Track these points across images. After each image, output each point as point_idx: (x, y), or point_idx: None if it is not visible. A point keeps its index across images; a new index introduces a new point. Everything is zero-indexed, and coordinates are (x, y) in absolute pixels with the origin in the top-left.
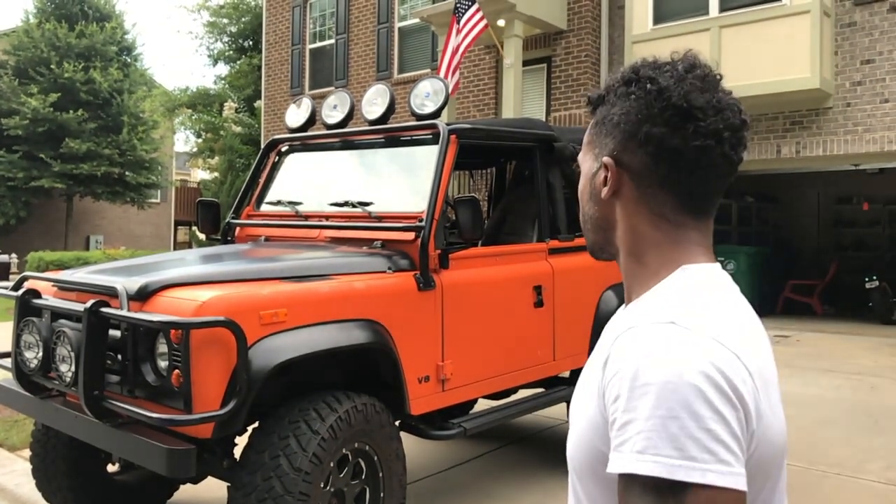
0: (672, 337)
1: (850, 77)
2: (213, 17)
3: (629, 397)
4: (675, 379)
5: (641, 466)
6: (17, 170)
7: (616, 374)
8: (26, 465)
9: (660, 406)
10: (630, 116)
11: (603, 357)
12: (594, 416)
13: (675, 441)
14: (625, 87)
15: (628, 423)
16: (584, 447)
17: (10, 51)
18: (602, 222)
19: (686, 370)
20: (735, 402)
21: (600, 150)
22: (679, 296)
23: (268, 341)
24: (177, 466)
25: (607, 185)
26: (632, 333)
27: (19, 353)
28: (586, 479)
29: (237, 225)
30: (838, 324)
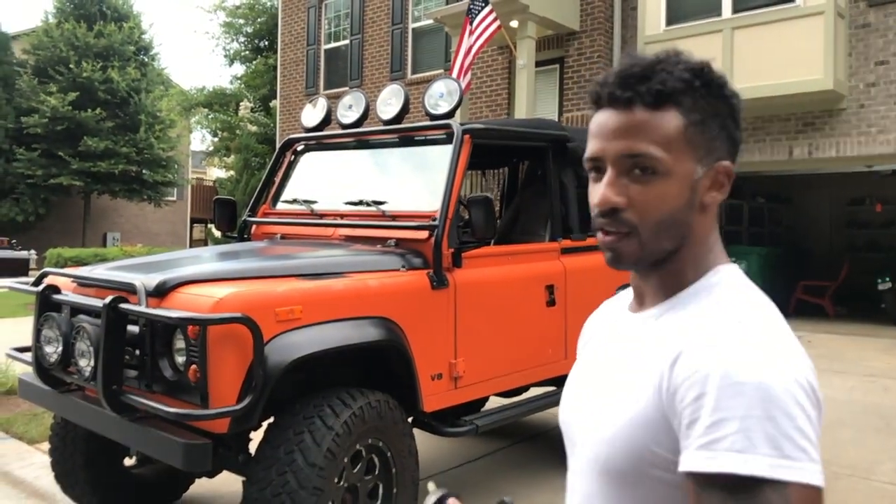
0: (755, 338)
1: (863, 78)
2: (229, 17)
3: (720, 397)
4: (768, 379)
5: (741, 465)
6: (36, 167)
7: (697, 372)
8: (45, 458)
9: (756, 406)
10: (726, 120)
11: (671, 355)
12: (648, 413)
13: (772, 440)
14: (705, 88)
15: (721, 423)
16: (629, 448)
17: (29, 50)
18: (685, 229)
19: (777, 371)
20: (818, 402)
21: (706, 153)
22: (739, 297)
23: (283, 338)
24: (193, 460)
25: (719, 191)
26: (714, 332)
27: (39, 347)
28: (625, 483)
29: (253, 223)
30: (850, 325)
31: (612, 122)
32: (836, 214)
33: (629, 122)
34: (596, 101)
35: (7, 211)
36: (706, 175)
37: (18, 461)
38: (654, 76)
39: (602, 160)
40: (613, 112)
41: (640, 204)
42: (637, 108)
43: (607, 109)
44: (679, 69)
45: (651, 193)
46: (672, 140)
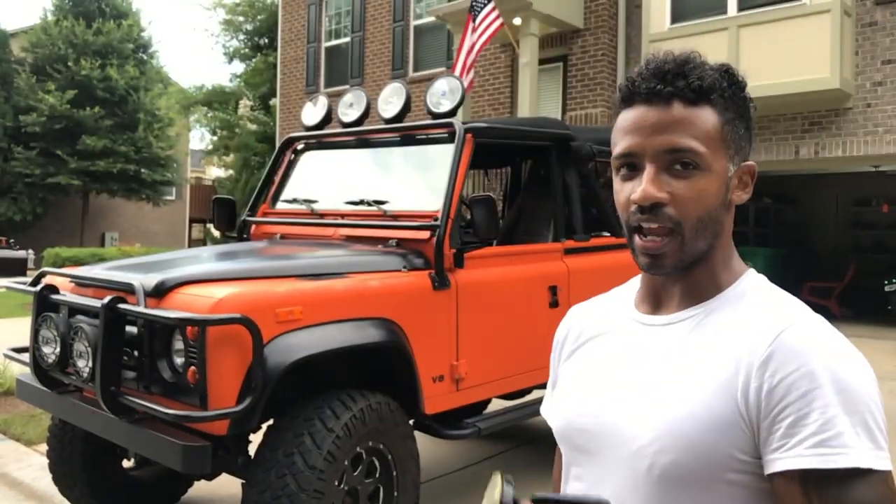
0: (838, 335)
1: (870, 77)
2: (228, 14)
3: (830, 392)
4: (862, 374)
5: (859, 459)
6: (34, 166)
7: (799, 370)
8: (43, 459)
9: (859, 402)
10: (749, 121)
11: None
12: (724, 417)
13: (871, 434)
14: (731, 89)
15: (835, 418)
16: (704, 452)
17: (28, 48)
18: (718, 228)
19: (865, 366)
20: None
21: (736, 152)
22: (788, 296)
23: (283, 339)
24: (192, 463)
25: (744, 190)
26: (800, 333)
27: (37, 348)
28: (690, 489)
29: (253, 222)
30: (857, 327)
31: (651, 117)
32: (843, 215)
33: (670, 117)
34: (628, 98)
35: (5, 210)
36: (735, 174)
37: (16, 462)
38: (689, 73)
39: (639, 156)
40: (651, 108)
41: (682, 199)
42: (676, 103)
43: (642, 106)
44: (707, 69)
45: (694, 188)
46: (711, 136)
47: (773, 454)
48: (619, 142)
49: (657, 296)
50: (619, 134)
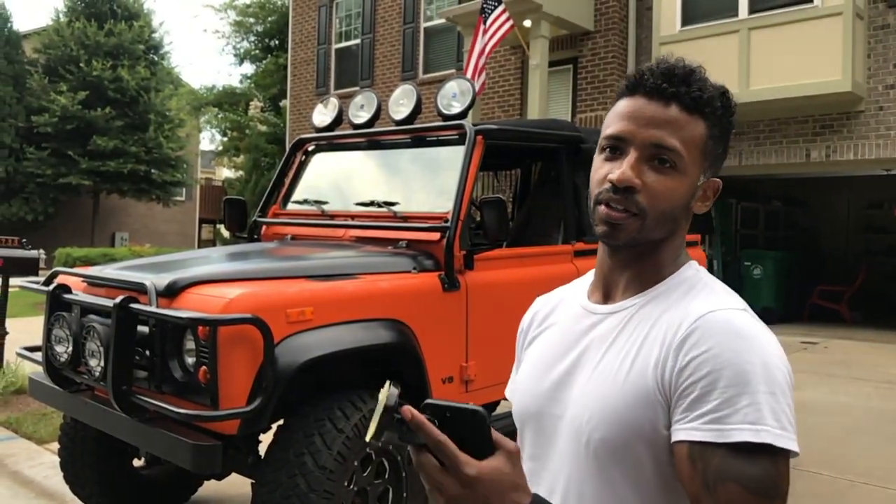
0: (754, 322)
1: (882, 80)
2: (239, 16)
3: (732, 374)
4: (771, 361)
5: (755, 435)
6: (45, 167)
7: (707, 352)
8: (54, 457)
9: (762, 384)
10: (728, 143)
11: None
12: (647, 395)
13: (776, 415)
14: (723, 110)
15: (734, 398)
16: (629, 427)
17: (40, 49)
18: (675, 226)
19: (776, 353)
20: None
21: (710, 166)
22: (722, 287)
23: (294, 339)
24: (202, 462)
25: (705, 203)
26: (721, 317)
27: (50, 347)
28: (619, 462)
29: (263, 223)
30: (867, 331)
31: (648, 110)
32: (854, 218)
33: (665, 115)
34: (633, 87)
35: (17, 210)
36: (703, 185)
37: (28, 461)
38: (693, 83)
39: (627, 142)
40: (650, 102)
41: (653, 191)
42: (674, 105)
43: (643, 98)
44: (709, 84)
45: (666, 185)
46: (695, 145)
47: (675, 426)
48: (612, 124)
49: (607, 286)
50: (614, 117)
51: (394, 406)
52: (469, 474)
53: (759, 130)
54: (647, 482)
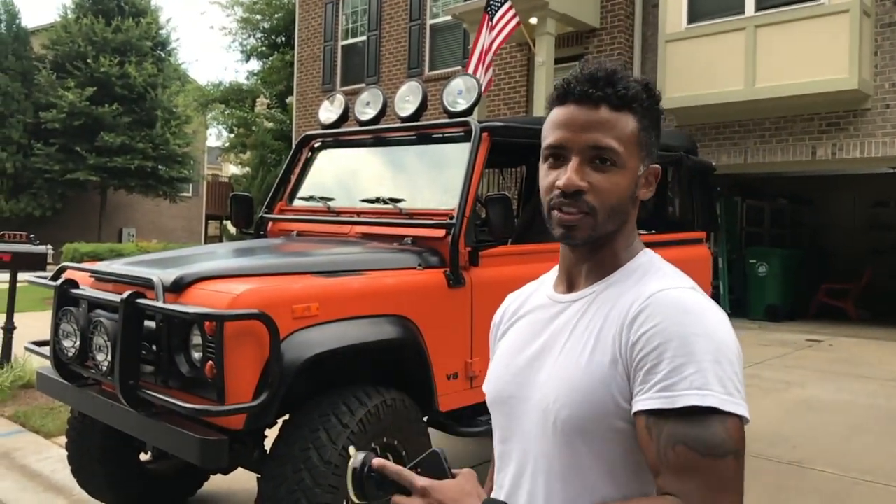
0: (701, 299)
1: (889, 78)
2: (246, 12)
3: (679, 345)
4: (716, 332)
5: (701, 399)
6: (53, 162)
7: (656, 326)
8: (62, 451)
9: (708, 353)
10: (659, 130)
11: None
12: (606, 369)
13: (721, 381)
14: (649, 101)
15: (681, 366)
16: (594, 403)
17: (48, 45)
18: (625, 216)
19: (722, 326)
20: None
21: (647, 155)
22: (674, 270)
23: (300, 335)
24: (209, 456)
25: (648, 188)
26: (670, 295)
27: (57, 341)
28: (585, 437)
29: (270, 219)
30: (873, 329)
31: (580, 116)
32: (860, 216)
33: (597, 118)
34: (563, 96)
35: (25, 205)
36: (643, 174)
37: (35, 455)
38: (617, 83)
39: (567, 149)
40: (581, 108)
41: (599, 189)
42: (603, 107)
43: (573, 105)
44: (632, 81)
45: (610, 181)
46: (629, 139)
47: (634, 398)
48: (549, 134)
49: (570, 277)
50: (550, 127)
51: (360, 466)
52: (422, 485)
53: (764, 128)
54: (612, 458)
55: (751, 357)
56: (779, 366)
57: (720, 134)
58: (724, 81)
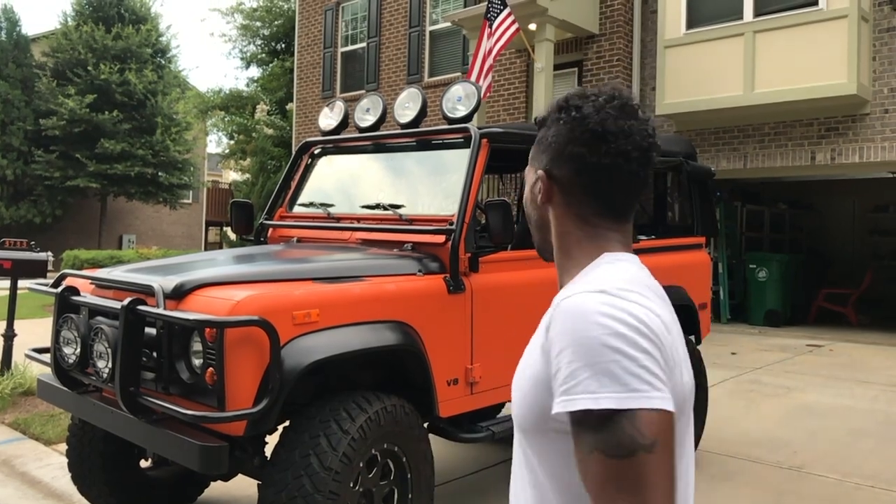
0: (605, 300)
1: (888, 83)
2: (246, 20)
3: (573, 350)
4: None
5: (594, 403)
6: (53, 169)
7: (560, 331)
8: (62, 458)
9: (601, 354)
10: (559, 137)
11: (546, 322)
12: (539, 373)
13: (619, 379)
14: (557, 114)
15: (576, 371)
16: (531, 405)
17: (49, 53)
18: (540, 223)
19: (615, 325)
20: (656, 341)
21: (538, 165)
22: (606, 271)
23: (300, 341)
24: (209, 463)
25: (541, 193)
26: (570, 300)
27: (58, 348)
28: (533, 436)
29: (270, 226)
30: (873, 334)
31: None
32: (860, 221)
33: None
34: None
35: (25, 212)
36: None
37: (36, 462)
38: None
39: None
40: None
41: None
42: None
43: None
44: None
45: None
46: (530, 156)
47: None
48: None
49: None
50: None
51: None
52: None
53: (764, 133)
54: (554, 460)
55: (751, 362)
56: (779, 371)
57: (719, 139)
58: (723, 87)
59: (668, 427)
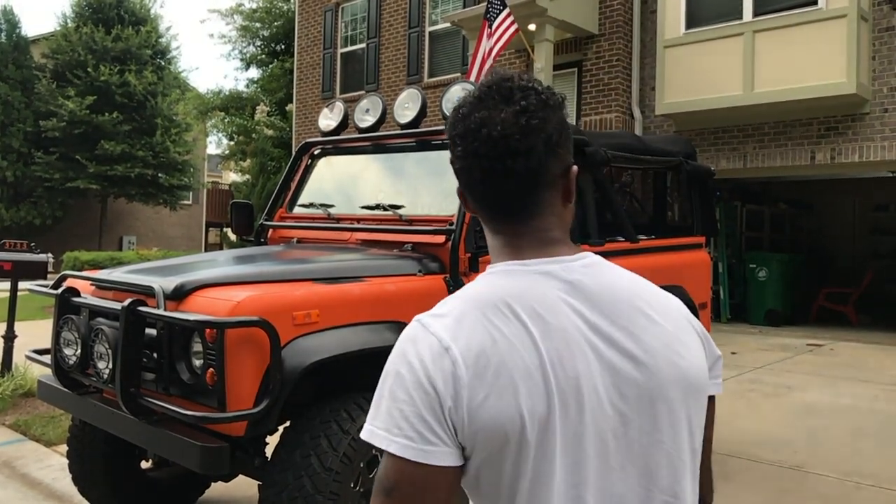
0: (409, 332)
1: (887, 82)
2: (246, 20)
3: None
4: (392, 367)
5: (364, 433)
6: (53, 171)
7: None
8: (62, 460)
9: (383, 387)
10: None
11: None
12: None
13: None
14: None
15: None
16: None
17: (48, 54)
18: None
19: (401, 361)
20: (428, 387)
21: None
22: (465, 287)
23: (300, 342)
24: (210, 464)
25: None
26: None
27: (59, 349)
28: None
29: (270, 227)
30: (874, 333)
31: None
32: (860, 221)
33: None
34: None
35: (25, 214)
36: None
37: (36, 463)
38: None
39: None
40: None
41: None
42: None
43: None
44: None
45: None
46: None
47: None
48: None
49: None
50: None
51: None
52: None
53: (763, 133)
54: None
55: (751, 361)
56: (780, 370)
57: (719, 139)
58: (722, 86)
59: (411, 478)
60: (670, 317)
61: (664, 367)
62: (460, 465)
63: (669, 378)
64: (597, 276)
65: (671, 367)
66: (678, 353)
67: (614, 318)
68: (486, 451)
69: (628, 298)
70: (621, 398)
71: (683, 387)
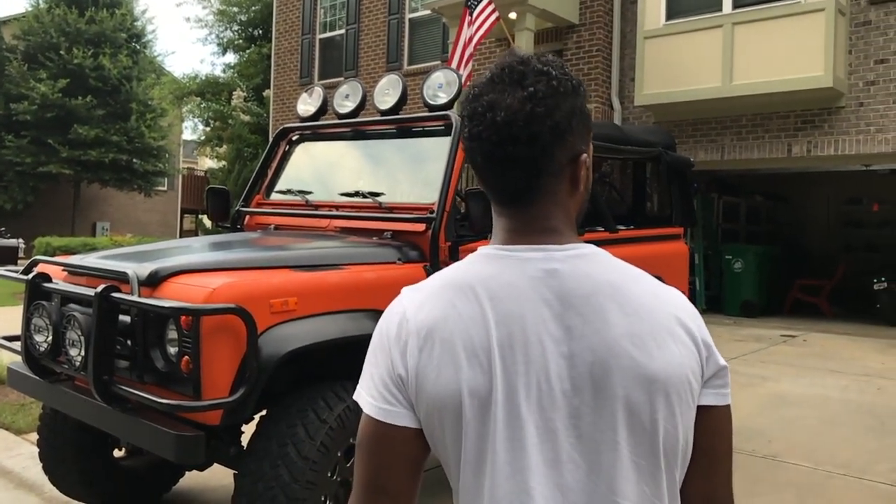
0: (393, 303)
1: (863, 77)
2: (223, 5)
3: None
4: (375, 329)
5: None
6: (25, 155)
7: None
8: (33, 448)
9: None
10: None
11: None
12: None
13: (363, 375)
14: None
15: None
16: None
17: (19, 36)
18: None
19: (379, 325)
20: (388, 353)
21: None
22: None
23: (277, 329)
24: (185, 452)
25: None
26: None
27: (29, 336)
28: None
29: (247, 213)
30: (846, 325)
31: None
32: (834, 214)
33: None
34: None
35: None
36: None
37: (6, 451)
38: None
39: None
40: None
41: None
42: None
43: None
44: None
45: None
46: None
47: None
48: None
49: None
50: None
51: None
52: None
53: (741, 125)
54: None
55: (726, 352)
56: (754, 361)
57: (697, 130)
58: (701, 78)
59: (370, 432)
60: (650, 315)
61: (626, 364)
62: (418, 427)
63: (630, 377)
64: (579, 266)
65: (634, 366)
66: (647, 352)
67: (582, 309)
68: (431, 421)
69: (606, 292)
70: (574, 391)
71: (648, 388)
